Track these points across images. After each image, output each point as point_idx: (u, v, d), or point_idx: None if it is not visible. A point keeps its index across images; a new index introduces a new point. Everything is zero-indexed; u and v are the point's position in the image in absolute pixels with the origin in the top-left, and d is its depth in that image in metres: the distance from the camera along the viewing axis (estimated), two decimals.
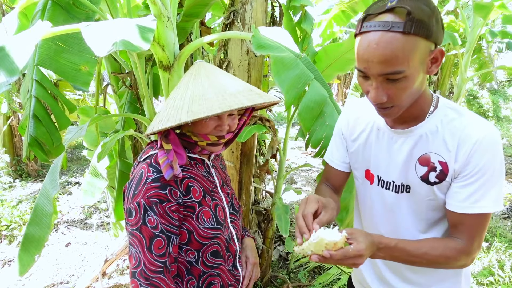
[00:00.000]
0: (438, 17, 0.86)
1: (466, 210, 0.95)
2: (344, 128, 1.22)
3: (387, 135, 1.08)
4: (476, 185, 0.94)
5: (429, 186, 1.01)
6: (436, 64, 0.91)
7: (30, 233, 1.95)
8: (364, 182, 1.17)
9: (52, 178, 1.95)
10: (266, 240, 2.90)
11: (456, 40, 4.51)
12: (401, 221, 1.09)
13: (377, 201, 1.13)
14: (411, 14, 0.81)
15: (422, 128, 1.00)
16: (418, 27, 0.82)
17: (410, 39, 0.82)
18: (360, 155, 1.16)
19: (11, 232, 4.00)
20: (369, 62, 0.86)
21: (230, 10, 2.20)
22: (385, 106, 0.93)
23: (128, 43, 1.28)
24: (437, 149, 0.98)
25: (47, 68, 1.74)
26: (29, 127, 1.63)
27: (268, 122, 2.34)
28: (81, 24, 1.36)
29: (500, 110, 10.58)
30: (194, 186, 1.11)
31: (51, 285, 3.13)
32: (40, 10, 1.86)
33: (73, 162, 7.06)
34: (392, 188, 1.08)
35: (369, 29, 0.85)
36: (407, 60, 0.84)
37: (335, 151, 1.25)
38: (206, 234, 1.11)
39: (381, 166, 1.09)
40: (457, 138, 0.95)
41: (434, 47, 0.88)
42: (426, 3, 0.84)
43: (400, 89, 0.88)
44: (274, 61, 1.45)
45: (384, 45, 0.83)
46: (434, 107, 1.01)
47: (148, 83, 2.44)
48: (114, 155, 2.65)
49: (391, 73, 0.85)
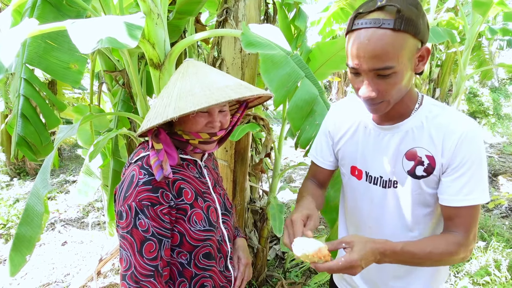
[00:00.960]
0: (424, 17, 0.91)
1: (461, 203, 0.98)
2: (330, 127, 1.23)
3: (374, 131, 1.10)
4: (466, 177, 0.97)
5: (416, 180, 1.03)
6: (423, 62, 0.95)
7: (21, 233, 1.93)
8: (350, 178, 1.19)
9: (43, 177, 1.93)
10: (262, 239, 2.88)
11: (455, 37, 4.47)
12: (388, 217, 1.11)
13: (364, 196, 1.15)
14: (400, 12, 0.85)
15: (408, 123, 1.03)
16: (407, 25, 0.86)
17: (399, 36, 0.86)
18: (347, 152, 1.18)
19: (7, 231, 3.99)
20: (361, 58, 0.89)
21: (223, 7, 2.18)
22: (375, 101, 0.96)
23: (114, 41, 1.26)
24: (423, 144, 1.01)
25: (36, 66, 1.72)
26: (17, 126, 1.62)
27: (262, 121, 2.32)
28: (67, 21, 1.34)
29: (500, 108, 10.53)
30: (186, 188, 1.09)
31: (46, 284, 3.12)
32: (30, 8, 1.84)
33: (72, 160, 7.05)
34: (379, 183, 1.10)
35: (360, 26, 0.89)
36: (396, 56, 0.87)
37: (319, 150, 1.27)
38: (198, 236, 1.09)
39: (369, 162, 1.12)
40: (443, 133, 0.99)
41: (421, 45, 0.92)
42: (413, 3, 0.89)
43: (390, 85, 0.91)
44: (263, 59, 1.43)
45: (375, 41, 0.86)
46: (419, 104, 1.05)
47: (141, 81, 2.42)
48: (108, 154, 2.63)
49: (381, 68, 0.88)
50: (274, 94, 1.41)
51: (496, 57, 11.00)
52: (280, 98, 1.42)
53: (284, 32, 2.28)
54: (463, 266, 3.15)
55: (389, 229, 1.12)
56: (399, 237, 1.08)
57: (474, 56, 7.18)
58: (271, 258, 3.35)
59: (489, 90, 10.89)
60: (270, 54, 1.45)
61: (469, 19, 5.02)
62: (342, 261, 0.88)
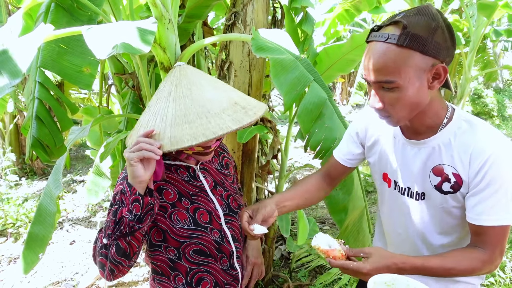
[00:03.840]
0: (444, 33, 0.89)
1: (486, 223, 0.97)
2: (360, 131, 1.26)
3: (401, 143, 1.12)
4: (492, 199, 0.95)
5: (442, 195, 1.04)
6: (439, 80, 0.94)
7: (34, 232, 1.98)
8: (383, 184, 1.21)
9: (55, 178, 1.98)
10: (268, 239, 2.91)
11: (459, 39, 4.49)
12: (415, 226, 1.12)
13: (394, 204, 1.18)
14: (406, 28, 0.87)
15: (435, 140, 1.03)
16: (413, 41, 0.87)
17: (403, 52, 0.88)
18: (378, 159, 1.20)
19: (17, 230, 4.05)
20: (367, 70, 0.95)
21: (232, 12, 2.22)
22: (382, 114, 0.99)
23: (128, 46, 1.30)
24: (450, 161, 1.01)
25: (50, 70, 1.76)
26: (31, 128, 1.66)
27: (269, 123, 2.36)
28: (82, 27, 1.38)
29: (505, 109, 10.49)
30: (167, 189, 1.15)
31: (55, 283, 3.17)
32: (44, 12, 1.88)
33: (78, 160, 7.12)
34: (408, 194, 1.12)
35: (372, 39, 0.94)
36: (398, 71, 0.89)
37: (343, 146, 1.31)
38: (181, 233, 1.14)
39: (397, 172, 1.13)
40: (470, 152, 0.97)
41: (436, 62, 0.91)
42: (430, 16, 0.89)
43: (393, 99, 0.94)
44: (273, 64, 1.47)
45: (379, 54, 0.90)
46: (448, 119, 1.03)
47: (150, 83, 2.47)
48: (117, 154, 2.68)
49: (383, 81, 0.92)
50: (283, 98, 1.44)
51: (501, 59, 10.98)
52: (290, 102, 1.46)
53: (291, 36, 2.31)
54: None
55: (417, 237, 1.14)
56: (427, 241, 1.12)
57: (478, 57, 7.17)
58: (277, 258, 3.38)
59: (494, 92, 10.86)
60: (280, 58, 1.48)
61: (474, 21, 5.02)
62: (353, 265, 0.94)
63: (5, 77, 1.36)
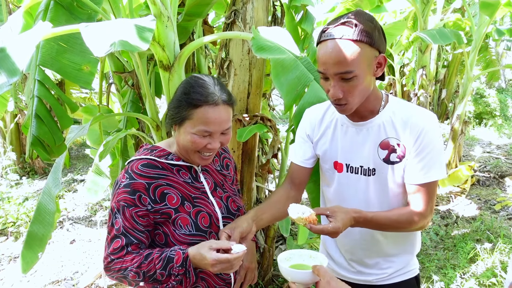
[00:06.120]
0: (380, 30, 1.11)
1: (422, 181, 1.18)
2: (308, 130, 1.37)
3: (350, 128, 1.27)
4: (425, 160, 1.17)
5: (390, 166, 1.22)
6: (381, 68, 1.14)
7: (33, 231, 1.97)
8: (334, 172, 1.33)
9: (55, 176, 1.98)
10: (268, 239, 2.90)
11: (461, 38, 4.46)
12: (371, 200, 1.27)
13: (348, 186, 1.30)
14: (357, 26, 1.06)
15: (379, 119, 1.22)
16: (364, 36, 1.06)
17: (357, 45, 1.05)
18: (328, 149, 1.32)
19: (17, 229, 4.05)
20: (327, 64, 1.08)
21: (231, 10, 2.21)
22: (341, 103, 1.13)
23: (126, 43, 1.30)
24: (394, 134, 1.20)
25: (49, 68, 1.75)
26: (31, 127, 1.65)
27: (269, 122, 2.34)
28: (80, 24, 1.37)
29: (507, 109, 10.44)
30: (171, 194, 1.14)
31: (55, 282, 3.17)
32: (43, 11, 1.87)
33: (79, 160, 7.13)
34: (361, 172, 1.27)
35: (326, 38, 1.09)
36: (356, 62, 1.06)
37: (298, 149, 1.41)
38: (183, 239, 1.13)
39: (349, 154, 1.28)
40: (409, 124, 1.18)
41: (378, 53, 1.11)
42: (369, 18, 1.10)
43: (352, 87, 1.09)
44: (274, 64, 1.46)
45: (338, 49, 1.06)
46: (385, 101, 1.23)
47: (150, 82, 2.46)
48: (117, 153, 2.67)
49: (344, 72, 1.07)
50: (284, 99, 1.43)
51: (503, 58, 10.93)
52: (290, 102, 1.45)
53: (291, 34, 2.30)
54: (469, 267, 3.16)
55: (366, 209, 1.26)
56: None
57: (481, 57, 7.15)
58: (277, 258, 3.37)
59: (496, 91, 10.81)
60: (281, 58, 1.47)
61: (476, 20, 5.00)
62: (330, 226, 1.08)
63: (3, 75, 1.34)
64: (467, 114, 7.76)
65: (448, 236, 3.89)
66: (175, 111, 1.13)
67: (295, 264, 1.08)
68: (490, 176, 5.54)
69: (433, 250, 3.63)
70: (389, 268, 1.34)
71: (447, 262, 3.33)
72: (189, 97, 1.09)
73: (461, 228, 4.06)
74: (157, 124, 2.19)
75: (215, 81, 1.14)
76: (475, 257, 3.37)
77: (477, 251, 3.37)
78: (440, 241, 3.81)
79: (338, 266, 1.42)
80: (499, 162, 6.11)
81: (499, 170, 5.70)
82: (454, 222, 4.24)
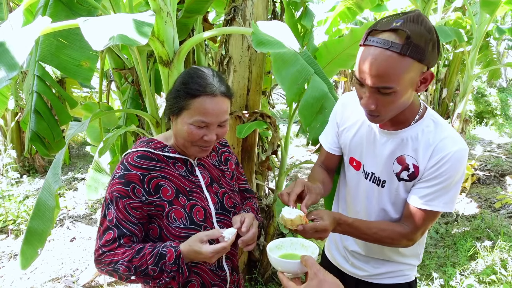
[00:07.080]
0: (435, 42, 0.97)
1: (421, 206, 1.12)
2: (338, 115, 1.32)
3: (374, 132, 1.21)
4: (435, 188, 1.10)
5: (398, 182, 1.17)
6: (425, 84, 1.02)
7: (33, 227, 1.97)
8: (349, 167, 1.30)
9: (54, 172, 1.97)
10: (268, 236, 2.90)
11: (462, 37, 4.45)
12: (374, 208, 1.25)
13: (357, 186, 1.28)
14: (409, 38, 0.91)
15: (406, 133, 1.14)
16: (414, 51, 0.92)
17: (404, 60, 0.93)
18: (348, 144, 1.28)
19: (17, 227, 4.05)
20: (366, 74, 0.97)
21: (231, 6, 2.21)
22: (373, 114, 1.05)
23: (125, 38, 1.29)
24: (413, 154, 1.13)
25: (49, 63, 1.76)
26: (30, 122, 1.65)
27: (269, 119, 2.34)
28: (79, 19, 1.37)
29: (508, 108, 10.41)
30: (165, 186, 1.14)
31: (55, 279, 3.17)
32: (42, 7, 1.87)
33: (80, 158, 7.13)
34: (370, 179, 1.23)
35: (371, 44, 0.96)
36: (398, 78, 0.94)
37: (328, 135, 1.36)
38: (177, 233, 1.12)
39: (366, 157, 1.23)
40: (433, 148, 1.10)
41: (426, 69, 0.99)
42: (427, 28, 0.94)
43: (388, 102, 1.00)
44: (275, 58, 1.46)
45: (380, 61, 0.94)
46: (420, 116, 1.14)
47: (150, 79, 2.46)
48: (117, 150, 2.67)
49: (382, 87, 0.96)
50: (286, 93, 1.43)
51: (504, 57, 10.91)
52: (292, 96, 1.45)
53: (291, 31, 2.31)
54: (469, 265, 3.15)
55: (374, 218, 1.26)
56: None
57: (481, 55, 7.12)
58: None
59: (497, 90, 10.79)
60: (281, 53, 1.47)
61: (477, 18, 4.99)
62: (319, 224, 1.06)
63: (2, 70, 1.35)
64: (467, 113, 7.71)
65: (448, 234, 3.89)
66: (173, 101, 1.12)
67: (286, 254, 1.07)
68: (490, 174, 5.53)
69: (433, 248, 3.63)
70: (381, 267, 1.32)
71: (447, 260, 3.33)
72: (188, 87, 1.08)
73: (461, 226, 4.06)
74: (156, 121, 2.19)
75: (214, 73, 1.13)
76: (475, 255, 3.37)
77: (477, 249, 3.36)
78: (440, 239, 3.81)
79: (338, 253, 1.43)
80: (500, 161, 6.10)
81: (499, 169, 5.69)
82: (454, 220, 4.23)
